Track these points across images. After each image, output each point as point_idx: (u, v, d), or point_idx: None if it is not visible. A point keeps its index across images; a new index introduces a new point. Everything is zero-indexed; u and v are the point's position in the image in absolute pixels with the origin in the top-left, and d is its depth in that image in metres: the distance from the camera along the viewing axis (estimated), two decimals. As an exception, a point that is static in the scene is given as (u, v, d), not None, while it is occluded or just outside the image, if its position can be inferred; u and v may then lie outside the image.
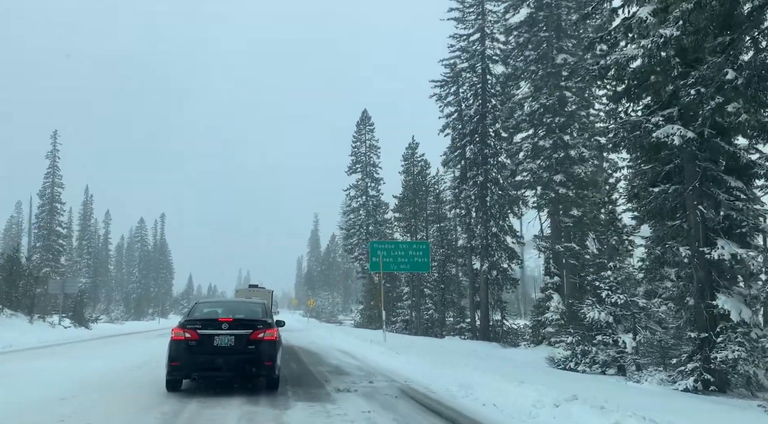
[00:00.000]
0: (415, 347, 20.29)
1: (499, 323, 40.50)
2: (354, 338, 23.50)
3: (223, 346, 9.77)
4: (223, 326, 9.88)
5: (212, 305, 12.06)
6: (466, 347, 27.23)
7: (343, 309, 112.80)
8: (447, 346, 26.28)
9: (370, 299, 57.73)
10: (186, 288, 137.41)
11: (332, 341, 25.19)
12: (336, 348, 20.72)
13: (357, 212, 61.65)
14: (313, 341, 24.80)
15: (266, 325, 10.24)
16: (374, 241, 41.72)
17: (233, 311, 10.98)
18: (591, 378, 17.31)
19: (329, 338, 27.13)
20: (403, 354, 16.08)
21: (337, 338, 25.96)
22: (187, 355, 9.70)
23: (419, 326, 44.18)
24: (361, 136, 62.28)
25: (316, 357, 17.33)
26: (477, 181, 38.92)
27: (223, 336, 9.78)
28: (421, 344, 24.38)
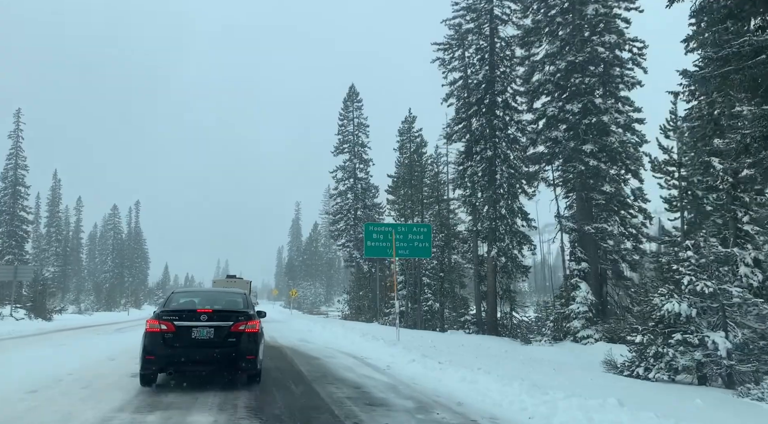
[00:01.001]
0: (443, 348, 15.71)
1: (507, 315, 35.98)
2: (357, 335, 18.66)
3: (202, 338, 9.18)
4: (201, 318, 9.27)
5: (190, 295, 11.20)
6: (486, 344, 22.54)
7: (326, 300, 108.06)
8: (468, 343, 21.52)
9: (359, 288, 52.94)
10: (162, 278, 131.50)
11: (328, 337, 20.38)
12: (340, 350, 15.85)
13: (344, 195, 56.67)
14: (305, 339, 19.89)
15: (248, 316, 9.64)
16: (369, 223, 36.86)
17: (212, 301, 10.36)
18: (694, 391, 12.63)
19: (323, 333, 22.31)
20: (447, 363, 11.31)
21: (333, 334, 21.14)
22: (163, 348, 9.07)
23: (418, 319, 39.43)
24: (349, 114, 57.24)
25: (319, 366, 12.40)
26: (485, 155, 34.22)
27: (201, 328, 9.19)
28: (442, 342, 19.64)
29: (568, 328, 27.48)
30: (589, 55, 26.77)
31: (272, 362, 12.94)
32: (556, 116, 27.74)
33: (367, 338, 17.16)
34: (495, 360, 14.20)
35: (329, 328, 22.88)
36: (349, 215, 56.30)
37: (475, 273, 36.19)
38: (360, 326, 25.82)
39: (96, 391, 8.93)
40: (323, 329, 23.29)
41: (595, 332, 27.23)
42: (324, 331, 22.90)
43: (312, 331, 24.08)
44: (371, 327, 26.68)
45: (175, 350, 9.07)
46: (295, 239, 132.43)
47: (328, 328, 22.95)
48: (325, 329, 23.12)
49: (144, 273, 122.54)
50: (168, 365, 9.24)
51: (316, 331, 23.69)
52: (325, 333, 21.85)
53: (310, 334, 22.69)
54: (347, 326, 23.76)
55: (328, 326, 23.78)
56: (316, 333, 22.83)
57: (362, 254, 53.19)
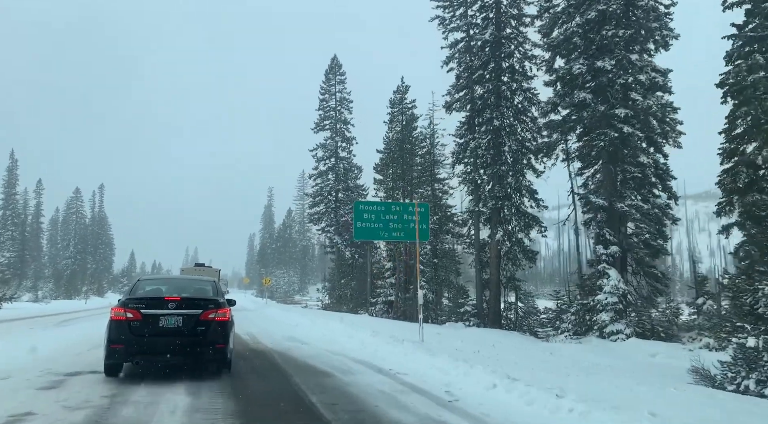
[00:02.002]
0: (485, 353, 11.34)
1: (511, 306, 31.97)
2: (365, 333, 14.34)
3: (170, 327, 8.84)
4: (169, 306, 8.92)
5: (157, 283, 10.91)
6: (497, 340, 18.36)
7: (300, 289, 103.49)
8: (483, 339, 17.24)
9: (341, 276, 48.58)
10: (128, 265, 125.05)
11: (324, 334, 16.09)
12: (350, 356, 11.40)
13: (325, 175, 52.10)
14: (294, 338, 15.47)
15: (218, 304, 9.32)
16: (360, 201, 32.43)
17: (180, 289, 9.96)
18: None
19: (314, 327, 17.99)
20: (572, 395, 6.91)
21: (329, 330, 16.81)
22: (129, 337, 8.72)
23: (411, 310, 35.24)
24: (331, 88, 52.58)
25: (338, 393, 7.88)
26: (491, 126, 30.03)
27: (169, 316, 8.86)
28: (462, 339, 15.35)
29: (594, 321, 23.57)
30: (624, 1, 22.67)
31: (262, 383, 8.66)
32: (582, 75, 23.60)
33: (382, 338, 12.90)
34: (583, 376, 10.06)
35: (321, 322, 18.50)
36: (330, 197, 51.80)
37: (476, 259, 32.09)
38: (357, 319, 21.48)
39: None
40: (313, 323, 18.90)
41: (625, 326, 23.38)
42: (314, 325, 18.52)
43: (299, 325, 19.70)
44: (369, 320, 22.43)
45: (142, 339, 8.72)
46: (267, 226, 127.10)
47: (319, 322, 18.57)
48: (315, 323, 18.74)
49: (109, 260, 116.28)
50: (134, 355, 8.88)
51: (304, 325, 19.31)
52: (317, 328, 17.50)
53: (299, 329, 18.32)
54: (346, 320, 19.32)
55: (319, 320, 19.40)
56: (305, 328, 18.48)
57: (344, 239, 48.92)
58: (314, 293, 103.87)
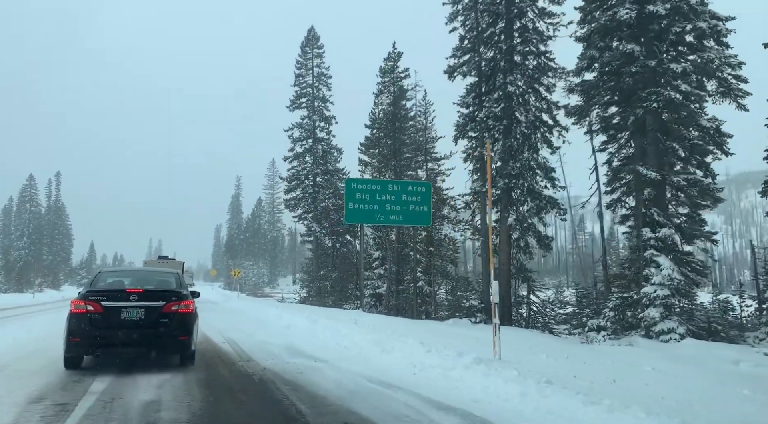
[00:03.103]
0: (580, 370, 7.11)
1: (522, 300, 27.89)
2: (406, 344, 9.77)
3: (132, 319, 8.64)
4: (131, 298, 8.73)
5: (119, 275, 10.55)
6: (534, 341, 14.08)
7: (270, 281, 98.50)
8: (521, 342, 12.86)
9: (319, 268, 43.96)
10: (87, 257, 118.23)
11: (337, 342, 11.58)
12: (423, 397, 6.27)
13: (302, 158, 47.32)
14: (295, 348, 10.86)
15: (181, 296, 9.12)
16: (352, 179, 27.97)
17: (143, 281, 9.80)
18: None
19: (317, 331, 13.39)
20: None
21: (338, 335, 12.24)
22: (90, 329, 8.49)
23: (407, 304, 30.96)
24: (308, 62, 47.76)
25: None
26: (503, 92, 25.83)
27: (131, 309, 8.66)
28: (517, 345, 11.02)
29: (642, 318, 19.57)
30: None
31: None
32: (629, 22, 19.42)
33: (442, 354, 8.46)
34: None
35: (325, 323, 13.90)
36: (308, 181, 47.08)
37: (483, 247, 27.90)
38: (371, 320, 16.77)
39: None
40: (313, 324, 14.31)
41: (678, 324, 19.43)
42: (315, 327, 13.96)
43: (293, 326, 15.13)
44: (385, 320, 17.96)
45: (103, 332, 8.50)
46: (235, 216, 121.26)
47: (322, 323, 13.99)
48: (317, 324, 14.15)
49: (66, 251, 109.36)
50: (94, 347, 8.67)
51: (301, 326, 14.74)
52: (323, 332, 12.95)
53: (296, 333, 13.75)
54: (361, 322, 14.56)
55: (321, 319, 14.78)
56: (302, 331, 13.94)
57: (323, 226, 44.35)
58: (285, 285, 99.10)
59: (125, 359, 9.36)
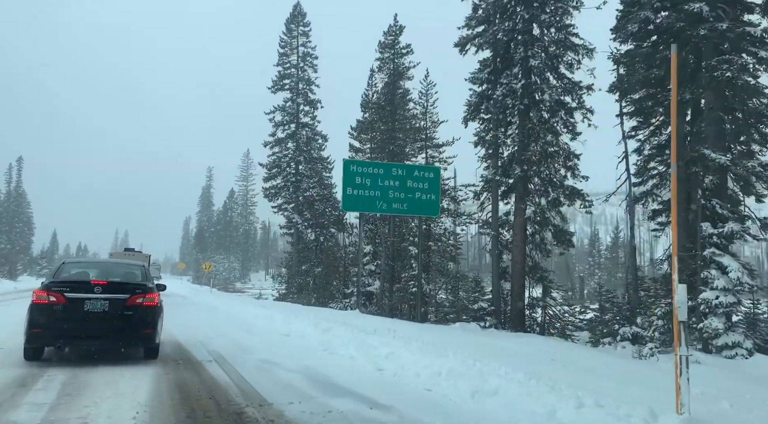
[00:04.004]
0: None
1: (536, 303, 24.65)
2: (510, 378, 6.32)
3: (96, 311, 8.45)
4: (95, 290, 8.54)
5: (83, 266, 10.30)
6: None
7: (242, 276, 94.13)
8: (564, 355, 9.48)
9: (301, 262, 40.20)
10: (49, 247, 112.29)
11: (383, 366, 7.95)
12: None
13: (283, 143, 43.54)
14: (329, 379, 7.23)
15: (146, 289, 8.96)
16: (350, 160, 24.45)
17: (108, 273, 9.73)
18: None
19: (336, 344, 9.74)
20: None
21: (373, 352, 8.60)
22: (52, 321, 8.31)
23: (398, 304, 27.53)
24: (292, 41, 43.93)
25: None
26: (524, 68, 22.60)
27: (95, 300, 8.46)
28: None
29: (700, 329, 16.45)
30: None
31: None
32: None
33: (601, 411, 5.01)
34: None
35: (338, 331, 10.31)
36: (289, 168, 43.33)
37: (494, 242, 24.60)
38: (405, 328, 13.06)
39: None
40: (325, 333, 10.65)
41: (744, 336, 16.38)
42: (329, 336, 10.36)
43: (296, 334, 11.52)
44: (417, 328, 14.40)
45: (65, 323, 8.32)
46: (205, 209, 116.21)
47: (335, 331, 10.35)
48: (329, 334, 10.53)
49: (27, 240, 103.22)
50: (56, 339, 8.52)
51: (308, 334, 11.15)
52: (341, 346, 9.41)
53: (301, 344, 10.19)
54: (399, 334, 10.54)
55: (334, 326, 11.07)
56: (312, 341, 10.35)
57: (305, 218, 40.67)
58: (257, 280, 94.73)
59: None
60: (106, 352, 9.16)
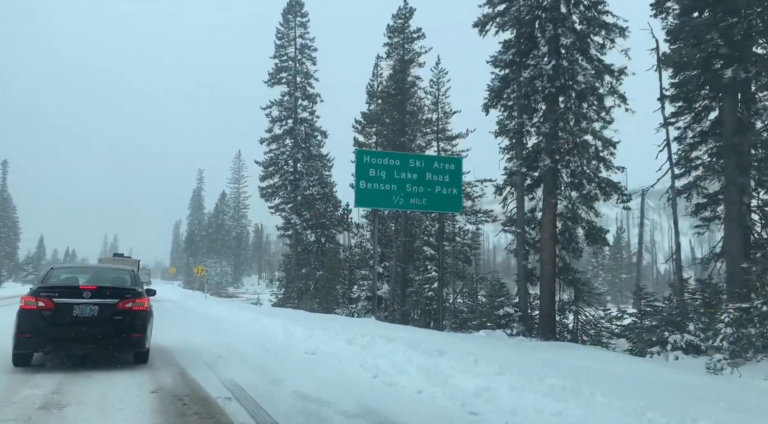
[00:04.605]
0: None
1: (569, 306, 22.30)
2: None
3: (85, 316, 8.34)
4: (84, 295, 8.42)
5: (72, 271, 10.22)
6: None
7: (234, 280, 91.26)
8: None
9: (300, 265, 37.67)
10: (36, 252, 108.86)
11: (465, 402, 5.63)
12: None
13: (281, 140, 41.01)
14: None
15: (135, 294, 8.91)
16: (364, 150, 22.03)
17: (97, 278, 9.56)
18: None
19: (398, 373, 7.18)
20: None
21: (447, 383, 6.29)
22: (41, 326, 8.19)
23: (411, 310, 25.09)
24: (290, 32, 41.46)
25: None
26: (553, 46, 20.29)
27: (84, 306, 8.36)
28: None
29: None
30: None
31: None
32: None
33: None
34: None
35: (380, 348, 7.78)
36: (287, 167, 40.79)
37: (519, 241, 22.23)
38: (491, 352, 10.67)
39: None
40: (364, 350, 8.11)
41: None
42: (370, 355, 7.87)
43: (323, 352, 8.98)
44: (504, 348, 11.96)
45: (54, 329, 8.21)
46: (196, 212, 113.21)
47: (377, 348, 7.80)
48: (369, 352, 7.96)
49: (12, 245, 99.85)
50: (45, 344, 8.34)
51: (341, 354, 8.60)
52: (393, 369, 7.00)
53: (336, 367, 7.73)
54: (509, 364, 8.20)
55: (376, 340, 8.49)
56: (349, 364, 7.88)
57: (304, 219, 38.16)
58: (250, 285, 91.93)
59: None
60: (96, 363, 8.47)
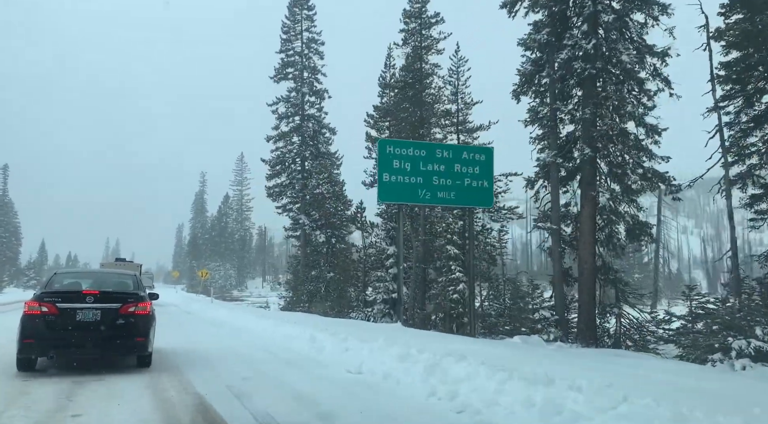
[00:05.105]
0: None
1: (610, 309, 20.27)
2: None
3: (88, 321, 8.30)
4: (87, 300, 8.41)
5: (74, 276, 10.19)
6: None
7: (238, 283, 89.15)
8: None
9: (310, 267, 35.59)
10: (38, 257, 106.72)
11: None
12: None
13: (288, 138, 39.02)
14: None
15: (138, 298, 8.89)
16: (386, 139, 20.04)
17: (100, 282, 9.53)
18: None
19: (501, 410, 5.37)
20: None
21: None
22: (44, 331, 8.17)
23: (434, 313, 23.07)
24: (296, 26, 39.50)
25: None
26: (592, 23, 18.33)
27: (87, 310, 8.32)
28: None
29: None
30: None
31: None
32: None
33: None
34: None
35: (455, 369, 5.96)
36: (294, 165, 38.81)
37: (555, 238, 20.20)
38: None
39: None
40: (467, 388, 6.13)
41: None
42: (468, 383, 5.95)
43: (373, 372, 7.09)
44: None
45: (58, 333, 8.17)
46: (199, 215, 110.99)
47: (453, 372, 5.91)
48: (453, 376, 6.12)
49: (14, 250, 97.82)
50: (49, 349, 8.34)
51: (401, 379, 6.70)
52: (495, 408, 5.07)
53: (401, 394, 5.90)
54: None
55: (442, 360, 6.64)
56: (412, 385, 6.04)
57: (312, 219, 36.13)
58: (254, 288, 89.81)
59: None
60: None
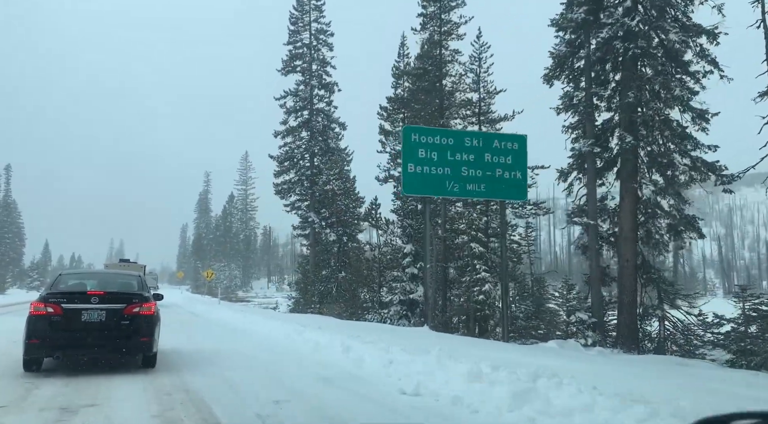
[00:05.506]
0: None
1: (652, 311, 18.52)
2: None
3: (93, 321, 8.23)
4: (92, 300, 8.33)
5: (79, 277, 10.16)
6: None
7: (243, 284, 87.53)
8: None
9: (320, 268, 33.89)
10: (41, 258, 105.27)
11: None
12: None
13: (296, 133, 37.32)
14: None
15: (142, 298, 8.76)
16: (411, 126, 18.29)
17: (104, 283, 9.49)
18: None
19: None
20: None
21: None
22: (50, 331, 8.07)
23: (458, 315, 21.37)
24: (304, 17, 37.81)
25: None
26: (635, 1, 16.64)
27: (92, 311, 8.25)
28: None
29: None
30: None
31: None
32: None
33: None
34: None
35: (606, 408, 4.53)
36: (303, 161, 37.11)
37: (592, 235, 18.47)
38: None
39: None
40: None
41: None
42: (567, 411, 4.39)
43: (466, 401, 5.48)
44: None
45: (63, 334, 8.10)
46: (203, 215, 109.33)
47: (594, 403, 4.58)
48: (551, 401, 4.61)
49: (18, 251, 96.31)
50: (54, 350, 8.23)
51: (484, 405, 5.18)
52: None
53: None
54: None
55: (542, 381, 5.26)
56: (491, 414, 4.37)
57: (322, 217, 34.44)
58: (259, 288, 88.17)
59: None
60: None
